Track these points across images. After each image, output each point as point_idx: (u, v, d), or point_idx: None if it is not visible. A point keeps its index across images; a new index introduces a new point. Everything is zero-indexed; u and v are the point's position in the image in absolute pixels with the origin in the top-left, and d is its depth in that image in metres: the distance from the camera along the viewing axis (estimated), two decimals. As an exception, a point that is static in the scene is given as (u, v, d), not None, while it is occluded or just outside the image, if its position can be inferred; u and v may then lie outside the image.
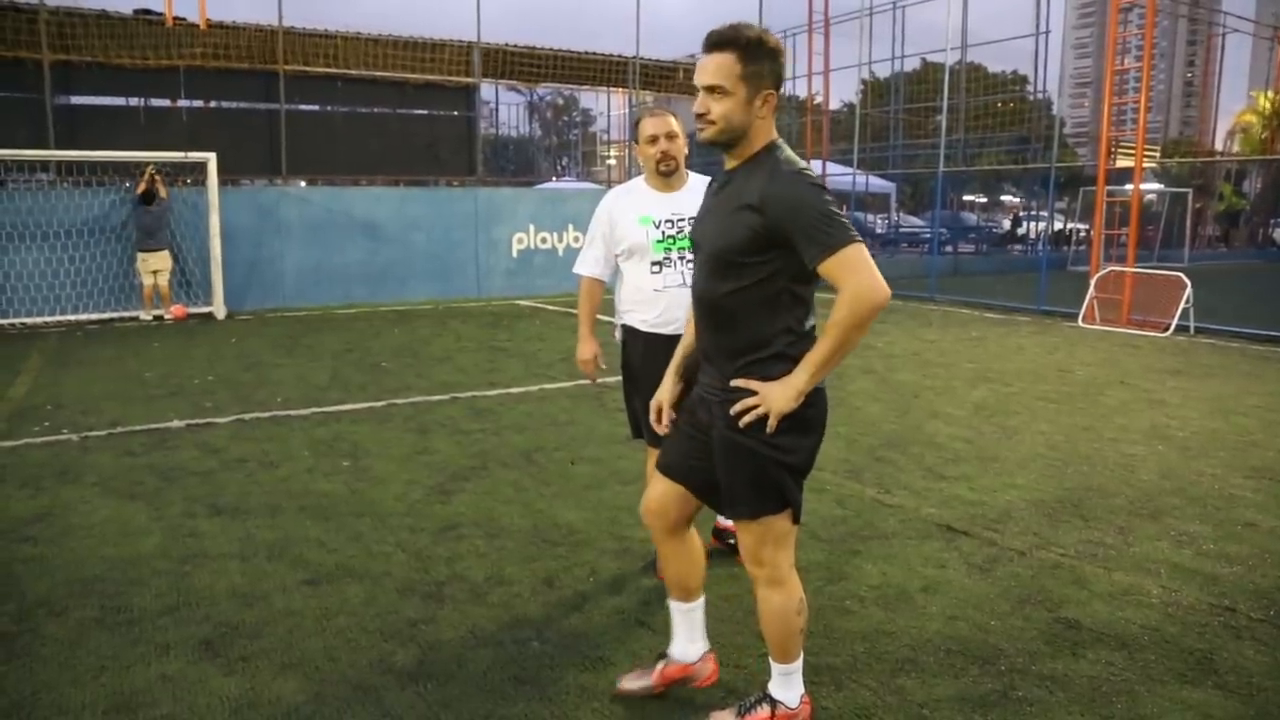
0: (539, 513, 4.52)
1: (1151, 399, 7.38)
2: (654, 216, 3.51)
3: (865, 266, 2.16)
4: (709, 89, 2.27)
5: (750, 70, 2.24)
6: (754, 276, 2.29)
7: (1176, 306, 11.58)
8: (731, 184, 2.35)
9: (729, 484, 2.42)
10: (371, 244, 14.17)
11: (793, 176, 2.23)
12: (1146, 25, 13.51)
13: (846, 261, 2.16)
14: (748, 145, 2.32)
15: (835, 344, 2.20)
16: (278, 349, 9.61)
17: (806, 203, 2.19)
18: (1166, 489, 4.99)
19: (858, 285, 2.14)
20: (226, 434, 6.03)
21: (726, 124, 2.27)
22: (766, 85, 2.27)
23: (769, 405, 2.27)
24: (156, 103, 15.44)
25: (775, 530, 2.42)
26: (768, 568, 2.47)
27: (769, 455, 2.33)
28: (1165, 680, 2.96)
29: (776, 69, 2.29)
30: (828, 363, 2.23)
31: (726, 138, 2.30)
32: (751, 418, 2.29)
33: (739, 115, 2.27)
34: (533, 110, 38.09)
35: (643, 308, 3.57)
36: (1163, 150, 37.22)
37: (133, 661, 3.03)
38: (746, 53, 2.23)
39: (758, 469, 2.35)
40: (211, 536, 4.18)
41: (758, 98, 2.27)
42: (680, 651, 2.82)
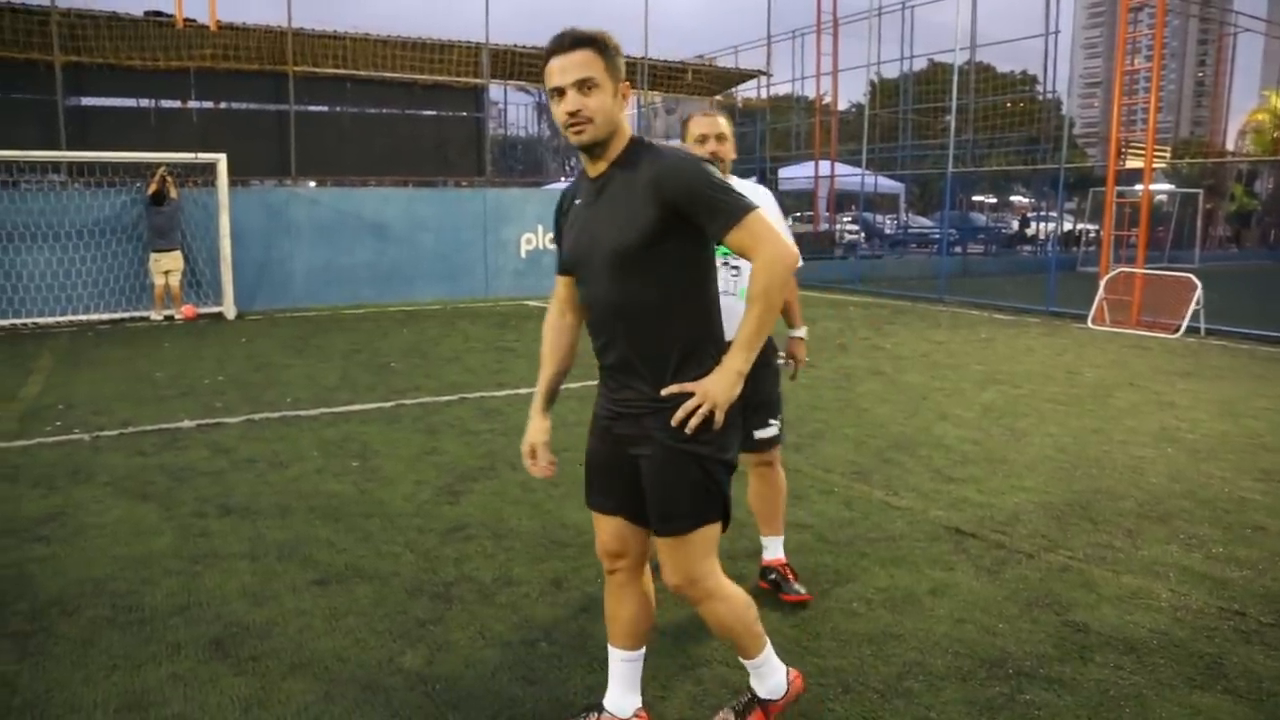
0: (547, 514, 4.53)
1: (1161, 401, 7.36)
2: None
3: (771, 231, 2.16)
4: (580, 84, 2.16)
5: (611, 64, 2.20)
6: (665, 267, 2.23)
7: (1186, 308, 11.54)
8: (611, 188, 2.25)
9: (667, 498, 2.29)
10: (380, 244, 14.22)
11: (678, 157, 2.21)
12: (1157, 25, 13.45)
13: (752, 229, 2.14)
14: (618, 141, 2.26)
15: (762, 314, 2.15)
16: (287, 349, 9.65)
17: (702, 178, 2.17)
18: (1176, 492, 4.98)
19: (771, 252, 2.13)
20: (236, 434, 6.06)
21: (604, 119, 2.19)
22: (622, 77, 2.24)
23: (713, 400, 2.15)
24: (167, 104, 15.49)
25: (711, 538, 2.34)
26: (701, 582, 2.35)
27: (714, 457, 2.27)
28: (1174, 685, 2.95)
29: (623, 63, 2.26)
30: (759, 335, 2.16)
31: (604, 134, 2.21)
32: (698, 419, 2.16)
33: (611, 109, 2.20)
34: (541, 111, 38.09)
35: None
36: (1173, 151, 37.10)
37: (144, 660, 3.06)
38: (603, 48, 2.19)
39: (703, 474, 2.27)
40: (222, 536, 4.20)
41: (619, 91, 2.22)
42: (616, 704, 2.63)
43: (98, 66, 14.13)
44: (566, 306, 2.59)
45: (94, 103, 15.02)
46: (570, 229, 2.42)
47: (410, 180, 17.38)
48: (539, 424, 2.63)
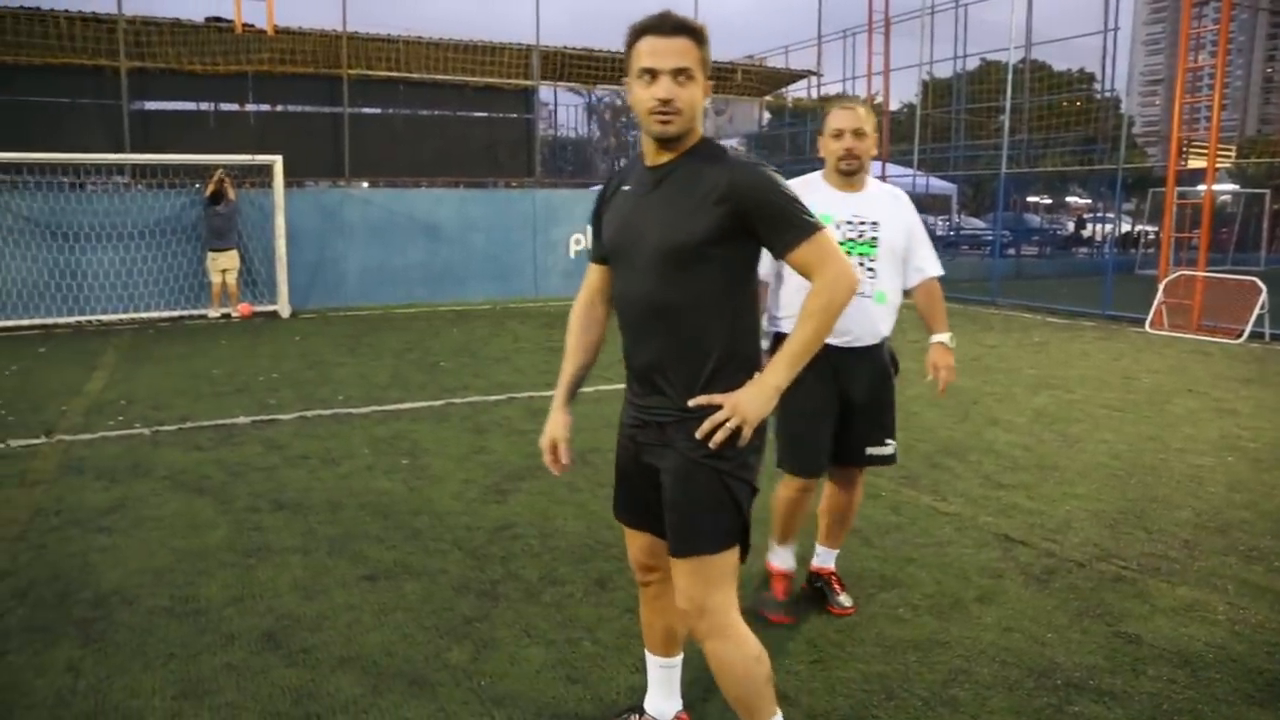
0: (593, 514, 4.56)
1: (1222, 408, 7.17)
2: (835, 215, 3.21)
3: (836, 252, 2.09)
4: (677, 73, 2.05)
5: (704, 55, 2.11)
6: (713, 271, 2.11)
7: (1251, 312, 11.21)
8: (673, 179, 2.13)
9: (686, 516, 2.15)
10: (432, 245, 14.40)
11: (754, 166, 2.12)
12: (1222, 19, 13.09)
13: (820, 248, 2.07)
14: (692, 136, 2.15)
15: (813, 333, 2.05)
16: (340, 348, 9.83)
17: (775, 191, 2.09)
18: (1236, 502, 4.85)
19: (835, 272, 2.05)
20: (290, 431, 6.19)
21: (691, 114, 2.09)
22: (709, 70, 2.15)
23: (743, 415, 2.03)
24: (226, 107, 15.86)
25: (728, 565, 2.18)
26: (712, 614, 2.17)
27: (737, 474, 2.13)
28: (1231, 701, 2.88)
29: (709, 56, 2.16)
30: (805, 353, 2.05)
31: (687, 129, 2.11)
32: (724, 435, 2.04)
33: (699, 102, 2.11)
34: (591, 111, 38.24)
35: None
36: (1238, 149, 36.06)
37: (200, 650, 3.14)
38: (700, 38, 2.09)
39: (725, 492, 2.13)
40: (275, 531, 4.30)
41: (707, 83, 2.14)
42: (656, 709, 2.62)
43: (160, 71, 14.52)
44: (598, 297, 2.48)
45: (156, 106, 15.43)
46: (613, 216, 2.26)
47: (461, 181, 17.57)
48: (560, 419, 2.48)
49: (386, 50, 15.86)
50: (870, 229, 3.24)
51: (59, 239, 11.89)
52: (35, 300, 11.70)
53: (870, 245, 3.24)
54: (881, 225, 3.26)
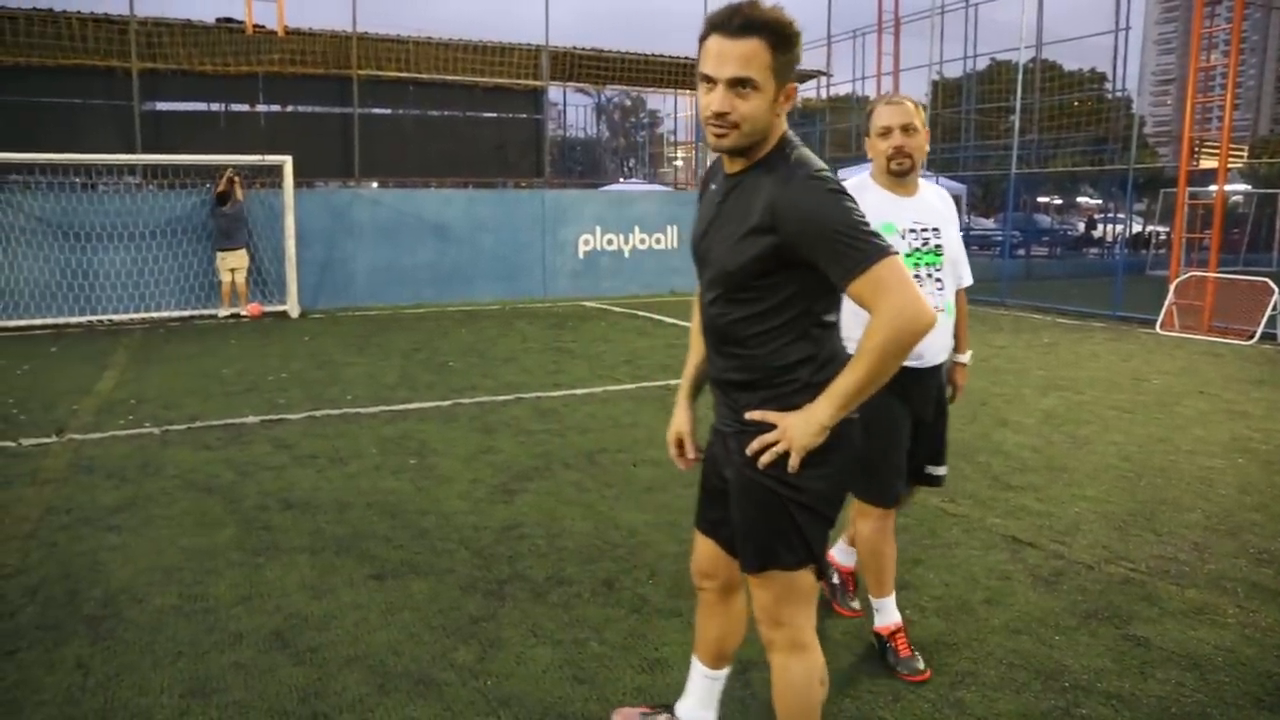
0: (600, 514, 4.57)
1: (1233, 410, 7.13)
2: (896, 224, 2.95)
3: (902, 284, 1.81)
4: (736, 83, 1.85)
5: (781, 61, 1.87)
6: (768, 302, 1.97)
7: (1262, 313, 11.14)
8: (738, 192, 1.98)
9: (749, 532, 2.10)
10: (440, 245, 14.43)
11: (807, 183, 1.87)
12: (1235, 18, 13.01)
13: (880, 281, 1.81)
14: (764, 146, 1.96)
15: (868, 373, 1.85)
16: (348, 347, 9.86)
17: (826, 214, 1.84)
18: (1246, 504, 4.82)
19: (898, 308, 1.80)
20: (298, 430, 6.21)
21: (752, 128, 1.90)
22: (791, 78, 1.91)
23: (789, 441, 1.93)
24: (236, 107, 15.93)
25: (797, 586, 2.09)
26: (788, 629, 2.11)
27: (792, 498, 2.01)
28: (1240, 704, 2.87)
29: (794, 63, 1.92)
30: (858, 393, 1.88)
31: (747, 143, 1.93)
32: (771, 456, 1.95)
33: (765, 116, 1.90)
34: (600, 112, 38.30)
35: None
36: (1251, 149, 35.86)
37: (208, 648, 3.16)
38: (778, 40, 1.85)
39: (778, 512, 2.04)
40: (283, 530, 4.32)
41: (782, 93, 1.91)
42: (690, 715, 2.56)
43: (171, 72, 14.59)
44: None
45: (168, 107, 15.50)
46: (700, 217, 2.14)
47: (470, 181, 17.60)
48: (683, 413, 2.39)
49: (396, 51, 15.90)
50: (934, 236, 3.01)
51: (70, 239, 11.95)
52: (47, 300, 11.76)
53: (935, 254, 3.01)
54: (943, 232, 3.04)
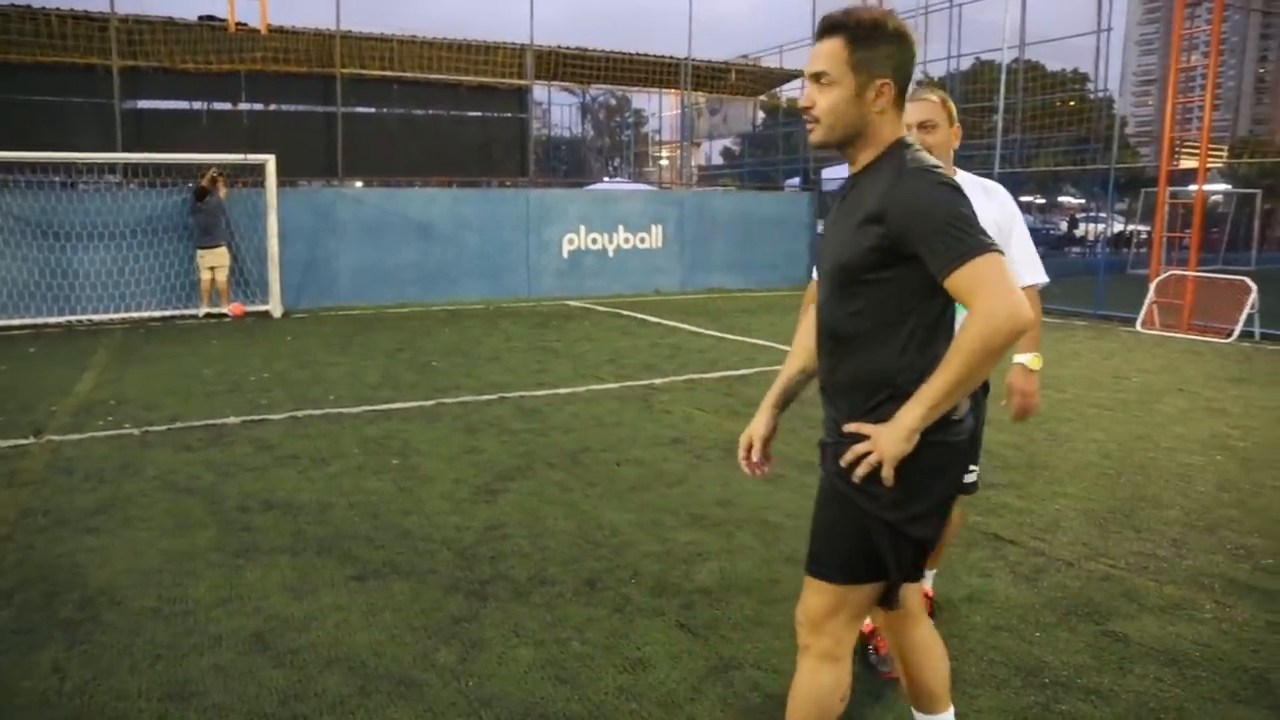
0: (583, 514, 4.56)
1: (1211, 407, 7.19)
2: None
3: (1000, 281, 1.79)
4: (814, 77, 1.97)
5: (860, 56, 1.93)
6: (876, 296, 1.96)
7: (1241, 312, 11.24)
8: (855, 191, 2.03)
9: (817, 536, 2.09)
10: (424, 244, 14.39)
11: (918, 175, 1.90)
12: (1215, 20, 13.14)
13: (978, 274, 1.79)
14: (868, 146, 2.00)
15: (959, 374, 1.82)
16: (331, 347, 9.81)
17: (933, 205, 1.85)
18: (1224, 501, 4.86)
19: (992, 304, 1.77)
20: (280, 430, 6.18)
21: (834, 119, 1.96)
22: (882, 73, 1.94)
23: (880, 451, 1.89)
24: (218, 106, 15.82)
25: (851, 600, 2.06)
26: (827, 639, 2.09)
27: (875, 514, 1.97)
28: (1217, 699, 2.89)
29: (897, 55, 1.95)
30: (947, 396, 1.84)
31: (838, 137, 1.99)
32: (865, 469, 1.92)
33: (848, 110, 1.95)
34: (585, 111, 38.27)
35: None
36: (1230, 149, 36.17)
37: (187, 651, 3.13)
38: (856, 36, 1.93)
39: (856, 528, 2.00)
40: (264, 531, 4.29)
41: (870, 88, 1.94)
42: None
43: (153, 70, 14.48)
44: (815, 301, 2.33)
45: (149, 105, 15.37)
46: (826, 222, 2.20)
47: (455, 181, 17.55)
48: (764, 418, 2.38)
49: (380, 49, 15.83)
50: None
51: (50, 238, 11.85)
52: (26, 300, 11.66)
53: None
54: None
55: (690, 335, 10.93)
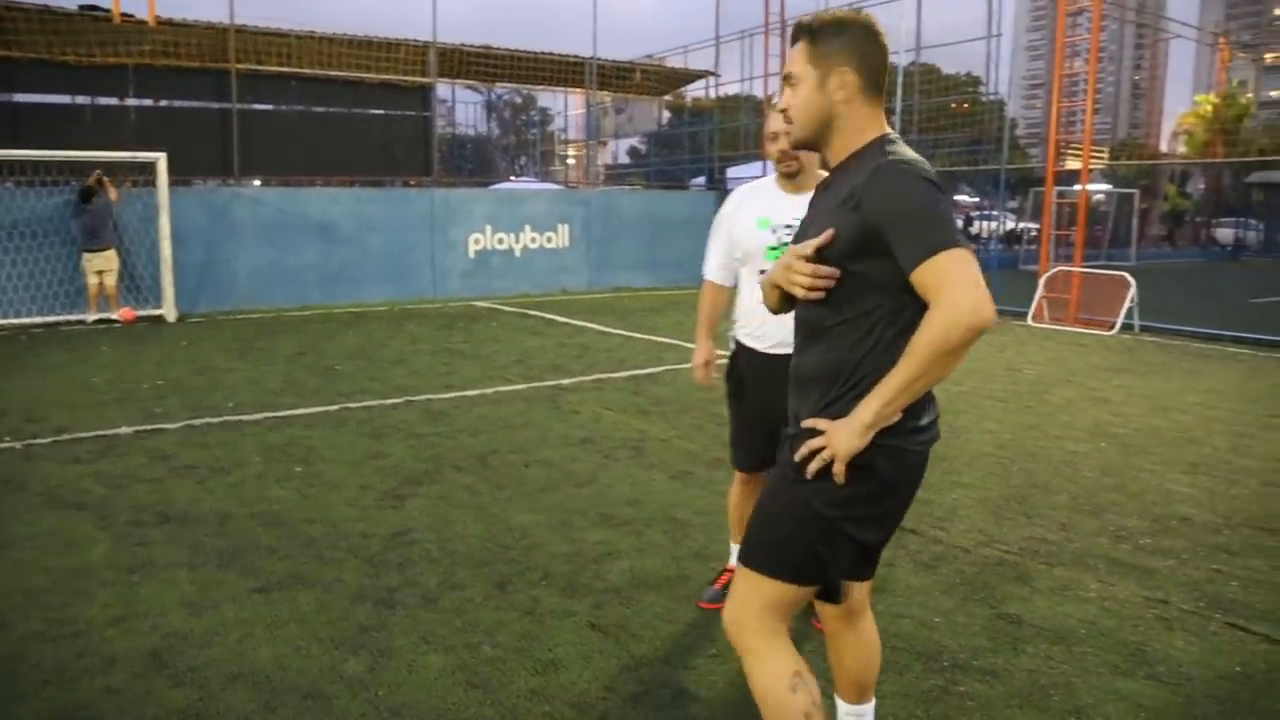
0: (492, 517, 4.53)
1: (1096, 397, 7.57)
2: (773, 220, 3.14)
3: (965, 277, 1.74)
4: (785, 80, 1.98)
5: (819, 50, 1.96)
6: (846, 288, 1.93)
7: (1122, 305, 11.86)
8: (831, 183, 2.04)
9: (757, 520, 2.05)
10: (326, 245, 14.03)
11: (895, 166, 1.87)
12: (1093, 29, 13.81)
13: (942, 269, 1.75)
14: (844, 139, 1.99)
15: (915, 370, 1.78)
16: (230, 352, 9.49)
17: (906, 196, 1.83)
18: (1107, 485, 5.13)
19: (953, 300, 1.72)
20: (176, 440, 5.95)
21: (801, 115, 1.98)
22: (841, 64, 1.94)
23: (833, 448, 1.86)
24: (104, 101, 15.10)
25: (769, 593, 2.01)
26: (742, 635, 2.05)
27: (816, 506, 1.93)
28: (1100, 672, 3.06)
29: (859, 46, 1.95)
30: (903, 391, 1.80)
31: (808, 133, 2.01)
32: (818, 464, 1.89)
33: (812, 102, 1.97)
34: (490, 109, 37.89)
35: (744, 319, 3.27)
36: (1110, 152, 38.08)
37: (77, 674, 3.00)
38: (816, 34, 1.97)
39: (792, 521, 1.97)
40: (160, 545, 4.13)
41: (830, 79, 1.95)
42: None
43: (30, 61, 13.72)
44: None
45: (26, 99, 14.58)
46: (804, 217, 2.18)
47: (357, 180, 17.17)
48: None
49: (277, 45, 15.35)
50: None
51: (-82, 241, 11.13)
52: (-108, 306, 10.93)
53: None
54: None
55: (598, 335, 10.95)
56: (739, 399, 3.34)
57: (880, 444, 1.88)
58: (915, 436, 1.96)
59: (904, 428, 1.92)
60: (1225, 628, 3.39)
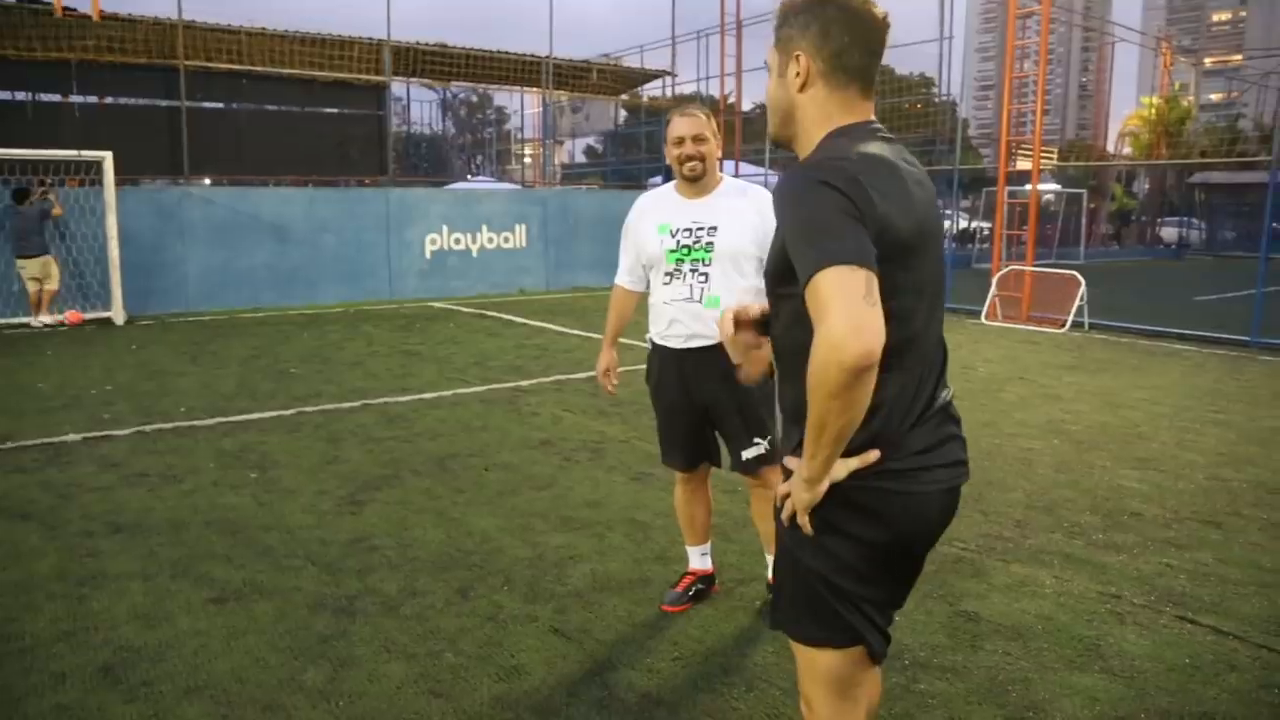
0: (452, 521, 4.49)
1: (1048, 394, 7.71)
2: (672, 224, 3.29)
3: (837, 304, 1.48)
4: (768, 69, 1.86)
5: (780, 35, 1.79)
6: (788, 312, 1.75)
7: (1072, 303, 12.10)
8: None
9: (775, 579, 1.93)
10: (280, 246, 13.82)
11: (797, 171, 1.67)
12: (1042, 31, 14.06)
13: (815, 295, 1.51)
14: (805, 134, 1.80)
15: (816, 417, 1.55)
16: (181, 356, 9.30)
17: (791, 206, 1.61)
18: (1061, 482, 5.23)
19: (823, 334, 1.49)
20: (126, 447, 5.82)
21: (770, 105, 1.84)
22: (798, 48, 1.75)
23: (794, 497, 1.71)
24: (45, 98, 14.74)
25: (816, 665, 1.83)
26: (817, 706, 1.86)
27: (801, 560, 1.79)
28: (1055, 668, 3.11)
29: (814, 23, 1.73)
30: (817, 443, 1.58)
31: (776, 125, 1.84)
32: (788, 513, 1.74)
33: (776, 93, 1.81)
34: (446, 108, 37.55)
35: (655, 320, 3.39)
36: (1060, 152, 38.84)
37: (24, 693, 2.91)
38: (779, 22, 1.80)
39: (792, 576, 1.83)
40: (111, 556, 4.03)
41: (790, 67, 1.77)
42: None
43: (-33, 57, 13.36)
44: None
45: (-37, 95, 14.20)
46: None
47: (311, 179, 16.94)
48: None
49: (227, 42, 15.11)
50: (708, 234, 3.23)
51: None
52: None
53: (705, 250, 3.23)
54: (720, 230, 3.23)
55: (556, 335, 10.91)
56: (657, 397, 3.48)
57: (863, 485, 1.70)
58: (910, 475, 1.74)
59: (890, 467, 1.70)
60: (1175, 620, 3.47)
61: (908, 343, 1.70)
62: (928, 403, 1.77)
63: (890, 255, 1.60)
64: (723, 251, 3.24)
